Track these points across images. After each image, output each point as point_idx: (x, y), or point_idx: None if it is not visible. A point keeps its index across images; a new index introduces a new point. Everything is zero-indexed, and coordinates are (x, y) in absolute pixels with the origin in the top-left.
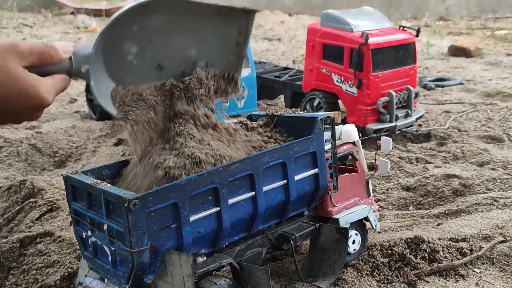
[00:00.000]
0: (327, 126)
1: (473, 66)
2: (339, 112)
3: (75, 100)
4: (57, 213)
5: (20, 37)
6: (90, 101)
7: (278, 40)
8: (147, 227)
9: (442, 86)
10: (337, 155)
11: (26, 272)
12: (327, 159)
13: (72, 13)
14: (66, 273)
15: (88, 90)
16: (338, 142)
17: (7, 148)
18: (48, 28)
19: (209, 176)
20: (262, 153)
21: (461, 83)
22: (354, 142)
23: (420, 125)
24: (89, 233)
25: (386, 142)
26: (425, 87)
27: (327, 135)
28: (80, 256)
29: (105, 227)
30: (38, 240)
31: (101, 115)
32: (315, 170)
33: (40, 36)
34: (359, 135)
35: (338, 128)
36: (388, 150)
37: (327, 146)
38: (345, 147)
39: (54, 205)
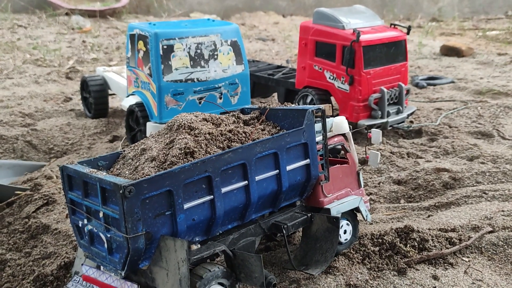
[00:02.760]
0: (318, 118)
1: (464, 66)
2: (330, 105)
3: (70, 98)
4: (53, 206)
5: (15, 38)
6: (85, 99)
7: (272, 40)
8: (142, 213)
9: (434, 85)
10: (328, 147)
11: (23, 264)
12: (318, 150)
13: (67, 14)
14: (63, 263)
15: (83, 88)
16: (329, 134)
17: (3, 145)
18: (42, 29)
19: (202, 165)
20: (254, 143)
21: (453, 82)
22: (345, 134)
23: (411, 122)
24: (85, 221)
25: (376, 134)
26: (417, 85)
27: (318, 126)
28: (76, 246)
29: (101, 214)
30: (34, 232)
31: (96, 112)
32: (307, 161)
33: (35, 37)
34: (349, 127)
35: (329, 121)
36: (378, 142)
37: (318, 138)
38: (336, 139)
39: (50, 199)
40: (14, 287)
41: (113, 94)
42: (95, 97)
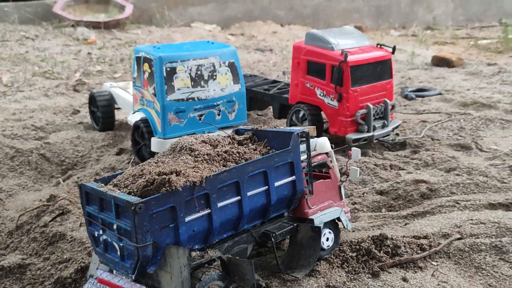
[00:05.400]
0: (303, 139)
1: (454, 76)
2: (314, 127)
3: (78, 111)
4: (68, 216)
5: (24, 50)
6: (93, 113)
7: (270, 50)
8: (150, 226)
9: (423, 96)
10: (313, 164)
11: (43, 267)
12: (303, 168)
13: (72, 25)
14: (79, 267)
15: (91, 103)
16: (313, 153)
17: (19, 158)
18: (49, 41)
19: (200, 184)
20: (246, 163)
21: (440, 93)
22: (327, 152)
23: (397, 134)
24: (101, 232)
25: (355, 152)
26: (406, 97)
27: (303, 147)
28: (91, 253)
29: (114, 226)
30: (51, 240)
31: (104, 126)
32: (293, 177)
33: (42, 49)
34: (332, 146)
35: (314, 141)
36: (357, 159)
37: (303, 157)
38: (319, 157)
39: (65, 209)
40: None
41: (119, 108)
42: (103, 111)
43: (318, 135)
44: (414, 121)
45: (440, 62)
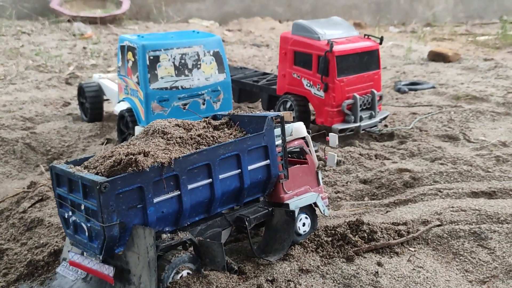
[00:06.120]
0: (278, 123)
1: (449, 71)
2: (291, 112)
3: (69, 103)
4: (47, 202)
5: (19, 44)
6: (82, 104)
7: (266, 46)
8: (116, 206)
9: (415, 90)
10: (289, 149)
11: (20, 252)
12: (279, 152)
13: (69, 21)
14: (52, 250)
15: (79, 94)
16: (290, 138)
17: (4, 147)
18: (45, 36)
19: (169, 166)
20: (217, 146)
21: (433, 87)
22: (304, 137)
23: (386, 126)
24: (70, 213)
25: (333, 138)
26: (399, 90)
27: (278, 131)
28: (65, 237)
29: (82, 207)
30: (29, 226)
31: (92, 117)
32: (267, 161)
33: (37, 43)
34: (308, 131)
35: (290, 126)
36: (335, 145)
37: (278, 141)
38: (296, 142)
39: (45, 196)
40: (11, 272)
41: (108, 99)
42: (91, 102)
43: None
44: (405, 113)
45: (436, 57)
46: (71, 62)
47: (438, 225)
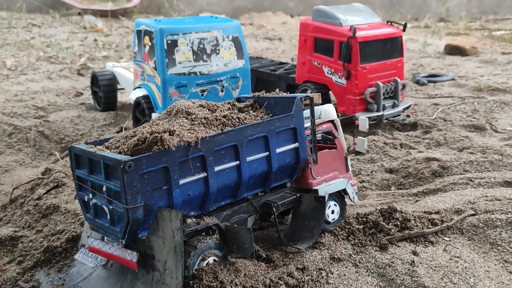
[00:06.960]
0: (307, 105)
1: (467, 64)
2: (319, 94)
3: (81, 93)
4: (63, 188)
5: (30, 37)
6: (95, 93)
7: (279, 39)
8: (140, 187)
9: (435, 82)
10: (318, 132)
11: (35, 239)
12: (307, 135)
13: (79, 13)
14: (70, 236)
15: (93, 83)
16: (318, 121)
17: (17, 135)
18: (56, 28)
19: (196, 145)
20: (245, 126)
21: (453, 79)
22: (333, 121)
23: (408, 116)
24: (90, 196)
25: (363, 121)
26: (417, 82)
27: (307, 113)
28: (83, 223)
29: (104, 188)
30: (45, 212)
31: (105, 106)
32: (296, 144)
33: (48, 36)
34: (338, 115)
35: (318, 108)
36: (365, 128)
37: (307, 123)
38: (324, 125)
39: (60, 182)
40: (27, 259)
41: (122, 88)
42: (104, 91)
43: None
44: (426, 104)
45: (453, 50)
46: (83, 53)
47: (473, 214)
